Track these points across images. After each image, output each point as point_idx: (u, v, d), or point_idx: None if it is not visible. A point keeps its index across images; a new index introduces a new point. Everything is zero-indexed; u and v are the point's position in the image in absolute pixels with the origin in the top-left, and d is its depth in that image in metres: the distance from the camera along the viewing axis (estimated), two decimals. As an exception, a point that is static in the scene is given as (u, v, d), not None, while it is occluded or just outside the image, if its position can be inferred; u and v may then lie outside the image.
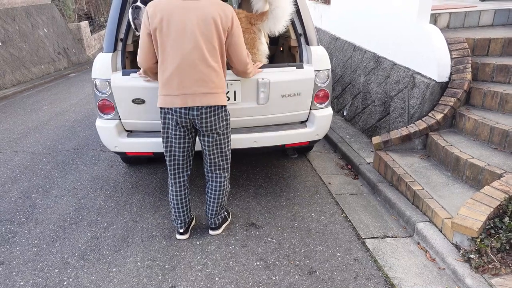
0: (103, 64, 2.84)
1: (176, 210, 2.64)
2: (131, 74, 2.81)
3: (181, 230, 2.70)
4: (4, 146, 4.75)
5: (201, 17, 2.22)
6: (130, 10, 2.68)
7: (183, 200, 2.64)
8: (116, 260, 2.51)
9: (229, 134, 2.53)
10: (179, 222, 2.68)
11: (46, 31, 11.75)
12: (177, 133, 2.41)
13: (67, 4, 14.68)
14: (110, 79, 2.82)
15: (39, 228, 2.90)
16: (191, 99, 2.28)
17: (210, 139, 2.45)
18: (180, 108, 2.30)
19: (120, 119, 2.95)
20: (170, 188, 2.62)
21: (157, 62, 2.35)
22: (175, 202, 2.62)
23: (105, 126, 2.90)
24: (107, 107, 2.90)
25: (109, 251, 2.60)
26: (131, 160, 3.93)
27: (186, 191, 2.65)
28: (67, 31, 13.28)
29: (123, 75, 2.82)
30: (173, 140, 2.44)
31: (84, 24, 14.64)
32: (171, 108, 2.32)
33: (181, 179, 2.60)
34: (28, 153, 4.48)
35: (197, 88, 2.27)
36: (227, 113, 2.46)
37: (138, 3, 2.66)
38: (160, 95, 2.35)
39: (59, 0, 14.11)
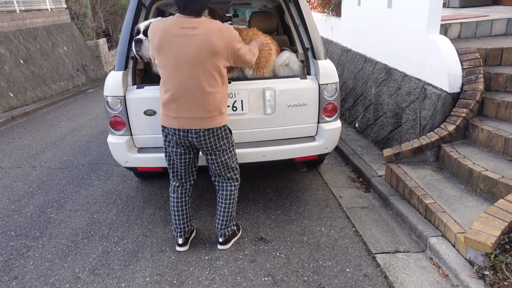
0: (115, 82, 2.92)
1: (176, 218, 2.69)
2: (145, 87, 2.94)
3: (180, 241, 2.74)
4: (23, 162, 4.90)
5: (198, 48, 2.22)
6: (133, 43, 2.75)
7: (184, 208, 2.69)
8: (125, 275, 2.53)
9: (231, 148, 2.57)
10: (178, 230, 2.72)
11: (65, 49, 12.15)
12: (178, 150, 2.49)
13: (86, 23, 15.16)
14: (121, 96, 2.90)
15: (52, 243, 2.96)
16: (187, 123, 2.35)
17: (214, 157, 2.51)
18: (179, 130, 2.38)
19: (131, 134, 3.01)
20: (172, 195, 2.69)
21: None
22: (175, 209, 2.68)
23: (116, 142, 2.97)
24: (118, 124, 2.97)
25: (119, 266, 2.63)
26: (143, 174, 3.98)
27: (187, 199, 2.70)
28: (85, 49, 13.71)
29: (137, 88, 2.95)
30: (174, 156, 2.53)
31: (102, 41, 15.08)
32: (170, 128, 2.41)
33: (183, 187, 2.68)
34: (45, 168, 4.60)
35: (194, 113, 2.32)
36: (227, 131, 2.50)
37: (140, 36, 2.72)
38: (161, 114, 2.44)
39: (79, 19, 14.60)
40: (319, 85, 3.00)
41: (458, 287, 2.27)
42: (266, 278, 2.45)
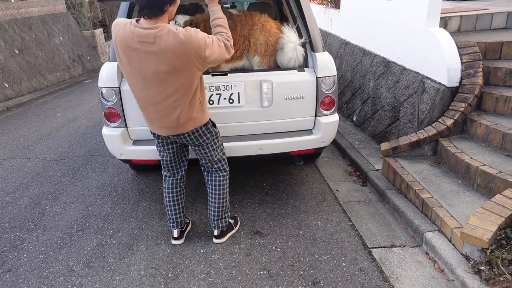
0: (109, 73, 2.87)
1: (169, 209, 2.70)
2: None
3: (175, 234, 2.75)
4: (17, 153, 4.85)
5: (158, 67, 2.07)
6: None
7: (175, 198, 2.69)
8: (120, 268, 2.52)
9: (216, 141, 2.54)
10: (171, 221, 2.72)
11: (61, 39, 12.01)
12: (165, 144, 2.52)
13: (83, 12, 14.98)
14: (116, 87, 2.85)
15: (46, 235, 2.93)
16: (165, 130, 2.36)
17: (198, 147, 2.52)
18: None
19: (126, 126, 2.97)
20: (163, 185, 2.71)
21: None
22: (167, 199, 2.69)
23: (111, 134, 2.93)
24: (113, 115, 2.93)
25: (113, 259, 2.61)
26: (139, 167, 3.95)
27: (179, 190, 2.70)
28: (82, 39, 13.55)
29: None
30: (161, 147, 2.56)
31: (99, 31, 14.91)
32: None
33: (174, 177, 2.69)
34: (40, 159, 4.56)
35: (166, 123, 2.30)
36: (208, 126, 2.44)
37: None
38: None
39: (75, 9, 14.41)
40: (316, 78, 2.96)
41: (453, 282, 2.27)
42: (261, 272, 2.44)
